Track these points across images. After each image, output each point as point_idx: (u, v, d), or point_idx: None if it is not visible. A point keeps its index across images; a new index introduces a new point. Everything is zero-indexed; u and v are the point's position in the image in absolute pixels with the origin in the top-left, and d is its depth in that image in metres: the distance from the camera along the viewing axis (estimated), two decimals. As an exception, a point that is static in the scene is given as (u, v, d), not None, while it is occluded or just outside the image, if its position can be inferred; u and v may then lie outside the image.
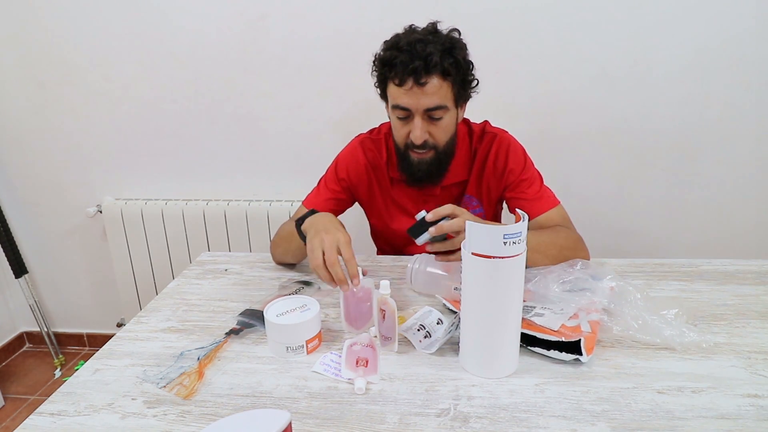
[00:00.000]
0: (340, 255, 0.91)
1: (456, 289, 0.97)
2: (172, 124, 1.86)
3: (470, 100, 1.16)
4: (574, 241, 1.10)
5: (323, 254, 0.91)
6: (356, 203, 1.33)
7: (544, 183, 1.21)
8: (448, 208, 0.94)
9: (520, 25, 1.61)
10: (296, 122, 1.80)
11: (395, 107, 1.08)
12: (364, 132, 1.30)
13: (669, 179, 1.72)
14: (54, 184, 2.00)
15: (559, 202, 1.19)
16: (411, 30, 1.09)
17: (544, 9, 1.59)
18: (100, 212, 1.95)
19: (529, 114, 1.68)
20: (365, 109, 1.74)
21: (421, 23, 1.11)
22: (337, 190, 1.26)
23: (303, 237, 1.02)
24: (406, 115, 1.08)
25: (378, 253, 1.40)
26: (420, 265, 1.05)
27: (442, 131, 1.10)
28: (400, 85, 1.04)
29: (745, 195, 1.71)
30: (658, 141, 1.68)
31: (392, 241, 1.32)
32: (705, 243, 1.77)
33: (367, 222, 1.38)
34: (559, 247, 1.05)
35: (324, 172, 1.30)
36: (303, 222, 1.04)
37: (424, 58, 1.01)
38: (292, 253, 1.17)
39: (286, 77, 1.75)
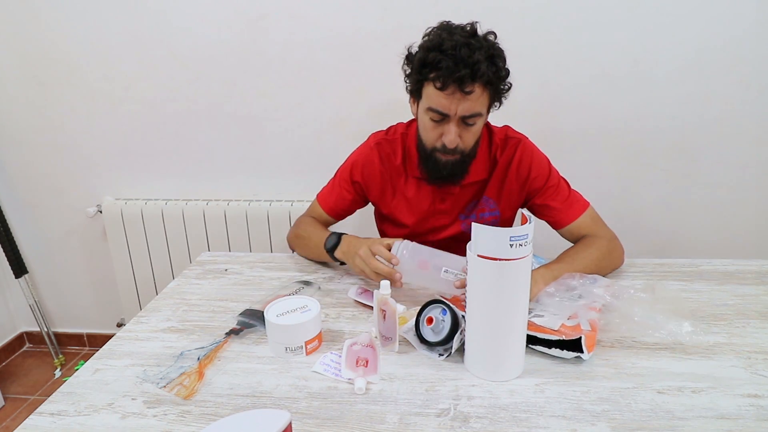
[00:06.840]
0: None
1: (446, 271, 0.96)
2: (172, 124, 1.86)
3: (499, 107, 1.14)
4: (606, 247, 1.13)
5: (369, 268, 1.02)
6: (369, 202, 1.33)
7: (571, 187, 1.22)
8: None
9: (521, 24, 1.61)
10: (296, 122, 1.80)
11: (431, 110, 1.06)
12: (381, 130, 1.29)
13: (669, 179, 1.72)
14: (54, 184, 2.00)
15: (589, 204, 1.20)
16: (449, 29, 1.05)
17: (545, 9, 1.59)
18: (100, 212, 1.95)
19: (529, 114, 1.67)
20: (365, 109, 1.74)
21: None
22: (350, 191, 1.28)
23: (332, 257, 1.16)
24: (441, 118, 1.06)
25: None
26: (406, 252, 1.02)
27: (472, 136, 1.10)
28: (441, 89, 1.01)
29: (745, 195, 1.71)
30: (658, 141, 1.68)
31: (399, 230, 1.30)
32: (705, 243, 1.77)
33: (372, 219, 1.37)
34: (596, 261, 1.08)
35: (340, 165, 1.31)
36: (334, 249, 1.15)
37: (471, 65, 0.98)
38: (317, 258, 1.26)
39: (286, 77, 1.75)
